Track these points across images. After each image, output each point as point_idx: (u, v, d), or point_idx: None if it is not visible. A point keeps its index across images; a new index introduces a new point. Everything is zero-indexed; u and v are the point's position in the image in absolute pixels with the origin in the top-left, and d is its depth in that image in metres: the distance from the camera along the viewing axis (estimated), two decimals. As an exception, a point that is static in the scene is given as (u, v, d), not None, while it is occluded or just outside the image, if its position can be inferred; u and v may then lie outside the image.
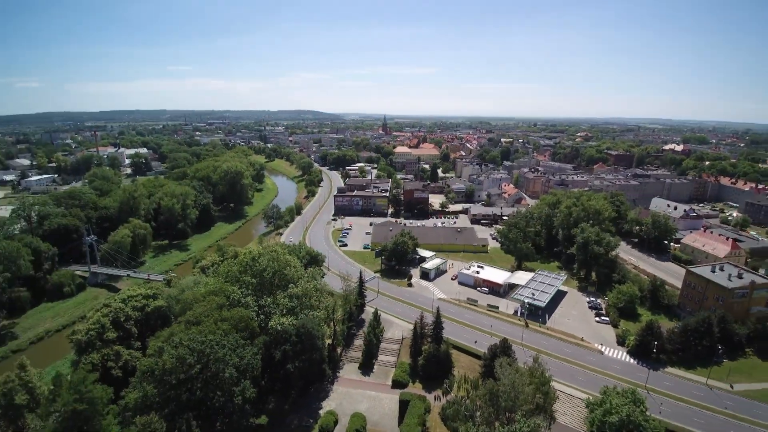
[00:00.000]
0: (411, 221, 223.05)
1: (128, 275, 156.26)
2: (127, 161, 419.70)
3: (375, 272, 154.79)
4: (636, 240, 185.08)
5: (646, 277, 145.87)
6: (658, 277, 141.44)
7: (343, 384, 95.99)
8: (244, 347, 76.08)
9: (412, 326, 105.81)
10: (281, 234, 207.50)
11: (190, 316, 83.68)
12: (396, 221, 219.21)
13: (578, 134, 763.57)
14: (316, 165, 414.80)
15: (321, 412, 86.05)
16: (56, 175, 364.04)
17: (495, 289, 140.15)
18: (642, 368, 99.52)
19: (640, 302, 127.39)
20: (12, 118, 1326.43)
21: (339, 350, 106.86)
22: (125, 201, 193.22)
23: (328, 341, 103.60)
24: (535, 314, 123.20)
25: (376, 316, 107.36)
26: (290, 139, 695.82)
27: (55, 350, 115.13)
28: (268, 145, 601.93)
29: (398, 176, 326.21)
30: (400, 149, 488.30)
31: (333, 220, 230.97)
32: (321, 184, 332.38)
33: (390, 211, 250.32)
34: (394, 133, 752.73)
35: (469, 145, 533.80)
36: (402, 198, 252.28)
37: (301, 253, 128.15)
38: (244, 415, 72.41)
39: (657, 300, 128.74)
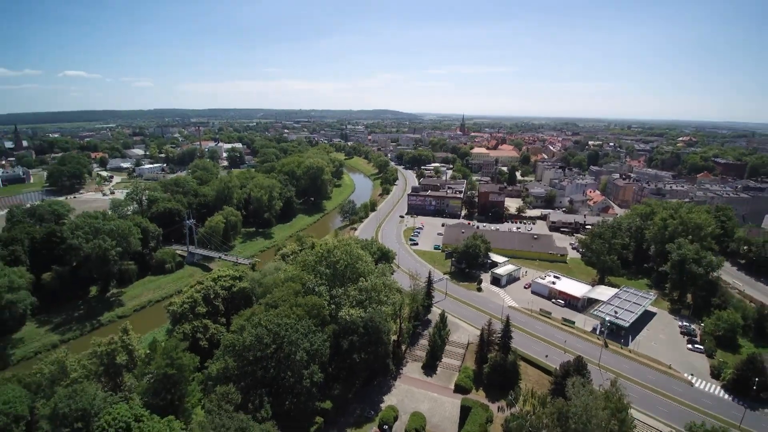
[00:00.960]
0: (484, 224, 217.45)
1: (219, 257, 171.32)
2: (225, 154, 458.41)
3: (444, 273, 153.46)
4: (743, 261, 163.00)
5: (752, 304, 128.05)
6: (767, 305, 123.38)
7: (406, 381, 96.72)
8: (315, 333, 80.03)
9: (478, 332, 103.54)
10: (355, 229, 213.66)
11: (269, 299, 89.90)
12: (469, 223, 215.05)
13: (680, 139, 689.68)
14: (392, 164, 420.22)
15: (382, 405, 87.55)
16: (165, 165, 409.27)
17: (572, 302, 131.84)
18: (738, 406, 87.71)
19: (743, 332, 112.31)
20: (130, 114, 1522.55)
21: (404, 347, 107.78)
22: (221, 190, 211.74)
23: (394, 337, 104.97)
24: (617, 334, 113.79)
25: (443, 318, 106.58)
26: (369, 137, 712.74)
27: (154, 319, 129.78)
28: (348, 143, 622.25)
29: (474, 178, 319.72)
30: (477, 150, 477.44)
31: (405, 218, 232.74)
32: (396, 183, 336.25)
33: (463, 212, 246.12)
34: (472, 134, 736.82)
35: (552, 148, 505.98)
36: (476, 200, 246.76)
37: (373, 249, 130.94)
38: (310, 398, 76.21)
39: (763, 331, 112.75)
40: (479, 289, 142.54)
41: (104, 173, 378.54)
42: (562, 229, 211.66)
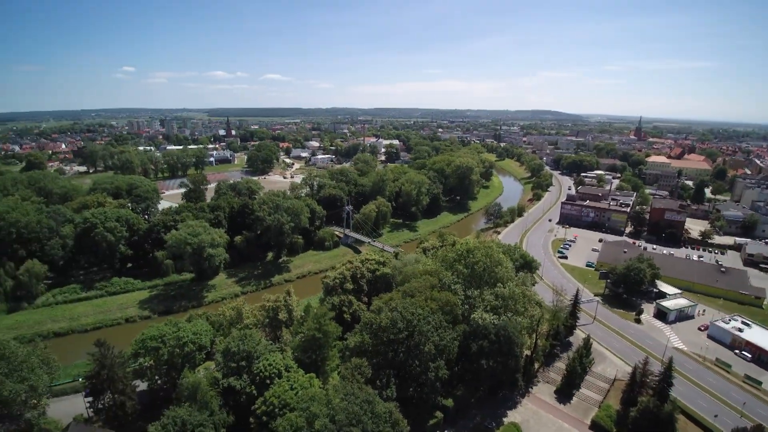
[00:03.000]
0: (654, 246, 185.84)
1: (369, 242, 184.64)
2: (383, 150, 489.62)
3: (595, 295, 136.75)
4: None
5: None
6: None
7: (534, 402, 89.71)
8: (445, 329, 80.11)
9: (629, 369, 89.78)
10: (499, 233, 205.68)
11: (407, 287, 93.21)
12: (634, 243, 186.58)
13: None
14: (547, 168, 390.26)
15: (505, 420, 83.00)
16: (334, 156, 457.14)
17: (762, 357, 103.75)
18: None
19: None
20: (311, 111, 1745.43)
21: (536, 366, 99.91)
22: (376, 182, 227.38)
23: (527, 352, 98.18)
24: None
25: (587, 344, 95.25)
26: (524, 139, 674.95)
27: (311, 287, 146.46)
28: (501, 144, 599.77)
29: (646, 191, 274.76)
30: (654, 158, 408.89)
31: (555, 228, 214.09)
32: (549, 189, 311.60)
33: (628, 229, 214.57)
34: (650, 139, 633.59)
35: (758, 162, 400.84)
36: (647, 217, 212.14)
37: (515, 255, 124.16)
38: (433, 391, 76.80)
39: None
40: (637, 321, 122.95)
41: (287, 160, 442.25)
42: (762, 265, 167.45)
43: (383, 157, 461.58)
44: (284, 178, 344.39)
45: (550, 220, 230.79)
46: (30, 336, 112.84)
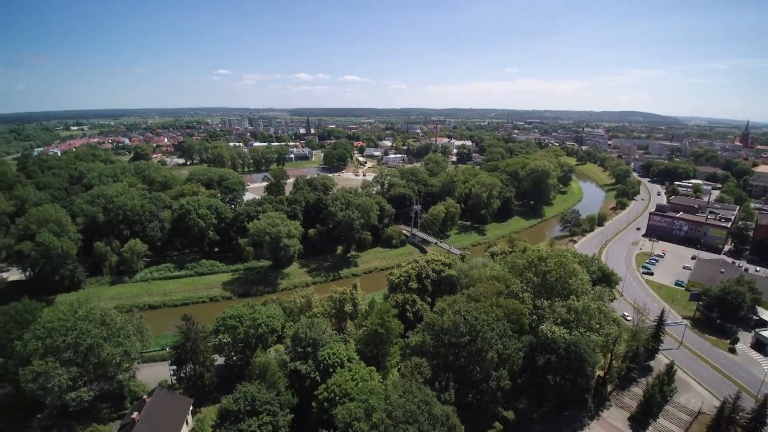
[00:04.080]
0: (758, 268, 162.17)
1: (435, 243, 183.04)
2: (455, 150, 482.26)
3: (683, 318, 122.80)
4: None
5: None
6: None
7: (604, 426, 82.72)
8: (510, 338, 76.82)
9: (717, 403, 79.52)
10: (575, 242, 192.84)
11: (472, 291, 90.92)
12: (733, 262, 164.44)
13: None
14: (634, 175, 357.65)
15: (571, 440, 77.77)
16: (405, 156, 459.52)
17: None
18: None
19: None
20: (385, 111, 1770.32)
21: (609, 388, 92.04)
22: (446, 183, 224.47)
23: (599, 372, 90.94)
24: None
25: (670, 371, 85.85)
26: (609, 142, 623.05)
27: (377, 283, 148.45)
28: (583, 147, 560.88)
29: (752, 205, 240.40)
30: (763, 168, 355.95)
31: (641, 240, 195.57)
32: (636, 198, 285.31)
33: (727, 247, 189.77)
34: (758, 147, 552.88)
35: None
36: (751, 234, 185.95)
37: (593, 268, 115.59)
38: (494, 400, 74.02)
39: None
40: (732, 350, 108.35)
41: (361, 159, 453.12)
42: None
43: (455, 158, 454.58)
44: (357, 175, 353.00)
45: (638, 229, 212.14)
46: (128, 306, 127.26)
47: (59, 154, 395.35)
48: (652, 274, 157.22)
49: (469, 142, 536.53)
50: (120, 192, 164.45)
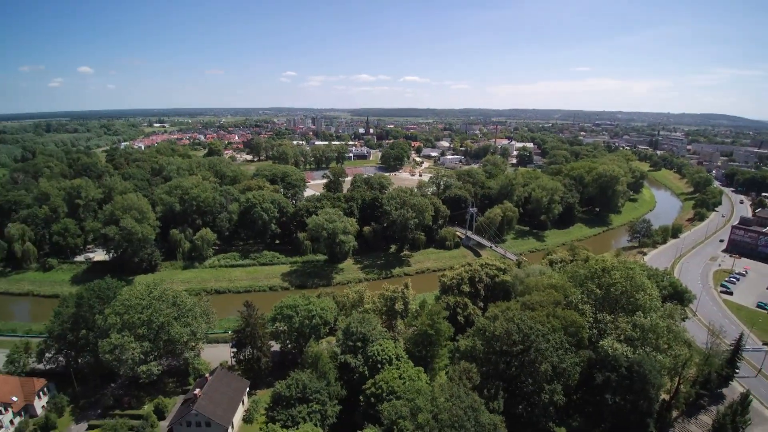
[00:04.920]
0: None
1: (491, 247, 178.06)
2: (515, 152, 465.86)
3: (764, 344, 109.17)
4: None
5: None
6: None
7: (671, 453, 75.90)
8: (566, 351, 72.75)
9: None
10: (645, 254, 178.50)
11: (527, 299, 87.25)
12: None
13: None
14: (716, 183, 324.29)
15: (631, 464, 71.97)
16: (463, 157, 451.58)
17: None
18: None
19: None
20: (443, 112, 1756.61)
21: (674, 413, 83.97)
22: (504, 186, 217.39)
23: (664, 396, 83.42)
24: None
25: (744, 401, 76.49)
26: (688, 147, 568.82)
27: (428, 284, 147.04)
28: (657, 152, 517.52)
29: None
30: None
31: (720, 256, 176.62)
32: (716, 209, 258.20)
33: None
34: None
35: None
36: None
37: (663, 283, 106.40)
38: (545, 414, 70.50)
39: None
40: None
41: (417, 159, 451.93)
42: None
43: (514, 161, 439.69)
44: (413, 175, 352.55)
45: (721, 240, 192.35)
46: (197, 290, 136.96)
47: (143, 148, 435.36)
48: (731, 293, 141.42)
49: (530, 144, 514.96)
50: (195, 184, 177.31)
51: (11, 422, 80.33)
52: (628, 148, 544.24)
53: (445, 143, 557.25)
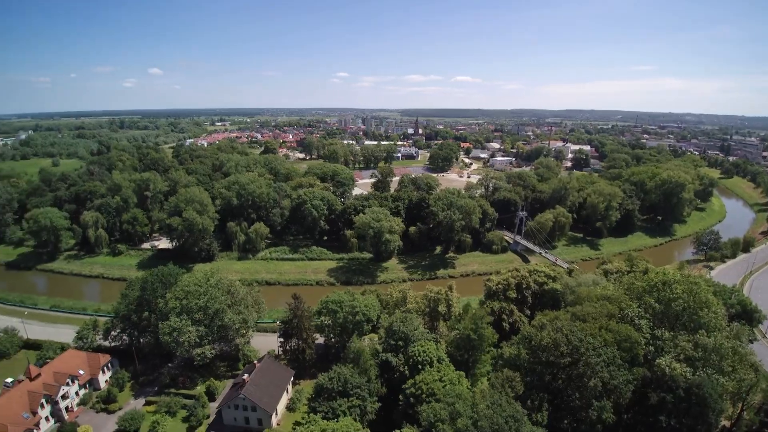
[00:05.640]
0: None
1: (540, 253, 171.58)
2: (570, 155, 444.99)
3: None
4: None
5: None
6: None
7: (736, 486, 69.32)
8: (618, 368, 68.48)
9: None
10: (711, 268, 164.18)
11: (578, 310, 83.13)
12: None
13: None
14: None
15: (688, 493, 66.46)
16: (514, 159, 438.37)
17: None
18: None
19: None
20: (494, 112, 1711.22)
21: (739, 441, 76.79)
22: (557, 189, 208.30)
23: (725, 422, 76.40)
24: None
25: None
26: (764, 154, 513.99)
27: (473, 288, 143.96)
28: (730, 158, 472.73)
29: None
30: None
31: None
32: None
33: None
34: None
35: None
36: None
37: (731, 301, 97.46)
38: (592, 431, 66.84)
39: None
40: None
41: (466, 160, 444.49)
42: None
43: (569, 164, 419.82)
44: (461, 177, 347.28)
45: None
46: (249, 280, 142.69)
47: (205, 145, 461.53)
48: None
49: (587, 147, 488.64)
50: (251, 180, 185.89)
51: (77, 393, 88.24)
52: (696, 152, 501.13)
53: (495, 145, 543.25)
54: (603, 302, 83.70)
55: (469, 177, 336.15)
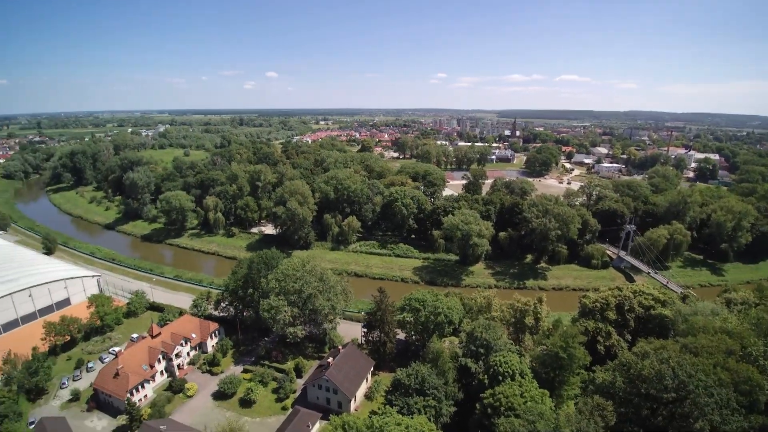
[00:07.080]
0: None
1: (648, 273, 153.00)
2: (693, 165, 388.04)
3: None
4: None
5: None
6: None
7: None
8: (733, 412, 58.44)
9: None
10: None
11: (690, 342, 72.60)
12: None
13: None
14: None
15: None
16: (624, 166, 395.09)
17: None
18: None
19: None
20: (604, 114, 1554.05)
21: None
22: (675, 203, 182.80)
23: None
24: None
25: None
26: None
27: (565, 303, 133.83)
28: None
29: None
30: None
31: None
32: None
33: None
34: None
35: None
36: None
37: None
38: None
39: None
40: None
41: (567, 165, 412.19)
42: None
43: (691, 174, 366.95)
44: (560, 183, 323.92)
45: None
46: (340, 270, 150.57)
47: (309, 142, 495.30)
48: None
49: (714, 156, 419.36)
50: (347, 176, 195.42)
51: (188, 354, 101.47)
52: None
53: (602, 149, 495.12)
54: (722, 336, 71.95)
55: (569, 183, 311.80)
